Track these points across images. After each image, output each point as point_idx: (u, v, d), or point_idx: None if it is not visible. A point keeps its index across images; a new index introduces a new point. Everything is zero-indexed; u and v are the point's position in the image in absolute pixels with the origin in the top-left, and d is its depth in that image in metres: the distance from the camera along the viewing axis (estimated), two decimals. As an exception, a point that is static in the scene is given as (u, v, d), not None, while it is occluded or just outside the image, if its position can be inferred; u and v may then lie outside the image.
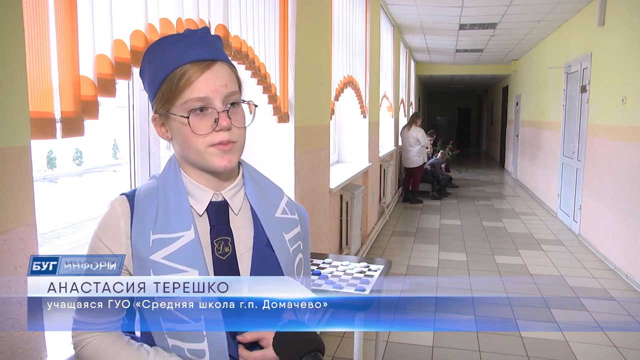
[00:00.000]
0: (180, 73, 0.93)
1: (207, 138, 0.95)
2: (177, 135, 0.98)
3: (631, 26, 4.81)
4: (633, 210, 4.60)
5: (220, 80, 0.95)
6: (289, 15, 2.85)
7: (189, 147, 0.96)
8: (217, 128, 0.94)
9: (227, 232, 1.02)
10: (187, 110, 0.94)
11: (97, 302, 0.97)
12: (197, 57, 0.94)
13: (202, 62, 0.94)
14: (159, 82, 0.95)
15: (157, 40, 0.99)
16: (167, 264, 0.94)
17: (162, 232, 0.95)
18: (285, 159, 2.99)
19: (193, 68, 0.93)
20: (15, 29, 1.08)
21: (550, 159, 8.06)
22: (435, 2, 6.37)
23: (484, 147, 20.57)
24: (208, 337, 0.95)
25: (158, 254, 0.94)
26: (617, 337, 3.43)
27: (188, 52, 0.94)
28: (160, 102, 0.97)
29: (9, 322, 1.08)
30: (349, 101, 5.25)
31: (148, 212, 0.97)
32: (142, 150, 1.87)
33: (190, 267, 0.94)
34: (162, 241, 0.95)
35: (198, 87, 0.93)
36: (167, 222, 0.96)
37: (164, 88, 0.95)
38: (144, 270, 0.94)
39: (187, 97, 0.93)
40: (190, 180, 1.01)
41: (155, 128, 1.01)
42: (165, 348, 0.98)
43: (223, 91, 0.95)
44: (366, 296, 2.12)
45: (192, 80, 0.93)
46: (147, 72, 0.98)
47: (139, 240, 0.95)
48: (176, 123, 0.96)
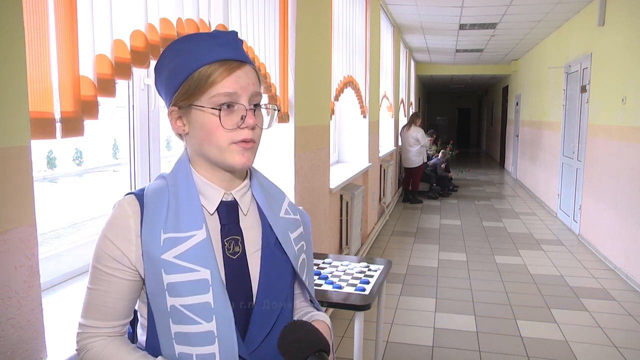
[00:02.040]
0: (211, 69, 0.94)
1: (231, 134, 0.95)
2: (197, 130, 0.97)
3: (631, 26, 4.81)
4: (633, 210, 4.60)
5: (249, 79, 0.97)
6: (289, 15, 2.86)
7: (210, 141, 0.96)
8: (242, 125, 0.95)
9: (238, 231, 1.02)
10: (216, 104, 0.94)
11: (104, 305, 0.97)
12: (228, 56, 0.95)
13: (231, 62, 0.95)
14: (184, 76, 0.95)
15: (183, 37, 0.99)
16: (179, 263, 0.93)
17: (173, 231, 0.95)
18: (285, 159, 2.99)
19: (224, 66, 0.94)
20: (15, 29, 1.08)
21: (550, 159, 8.06)
22: (435, 2, 6.37)
23: (484, 147, 20.57)
24: (219, 338, 0.95)
25: (169, 253, 0.93)
26: (617, 337, 3.43)
27: (218, 51, 0.95)
28: (183, 96, 0.96)
29: (9, 322, 1.08)
30: (349, 101, 5.25)
31: (158, 211, 0.96)
32: (142, 150, 1.87)
33: (202, 266, 0.94)
34: (173, 240, 0.94)
35: (228, 83, 0.94)
36: (178, 221, 0.96)
37: (190, 82, 0.95)
38: (155, 270, 0.94)
39: (216, 91, 0.94)
40: (202, 179, 1.01)
41: (171, 122, 1.00)
42: (171, 355, 0.96)
43: (250, 89, 0.96)
44: (366, 296, 2.12)
45: (223, 76, 0.94)
46: (167, 65, 0.98)
47: (149, 239, 0.94)
48: (201, 116, 0.95)
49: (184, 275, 0.93)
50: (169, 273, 0.93)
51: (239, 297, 1.00)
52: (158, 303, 0.95)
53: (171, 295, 0.93)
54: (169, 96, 0.99)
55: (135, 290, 0.99)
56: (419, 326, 3.59)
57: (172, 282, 0.93)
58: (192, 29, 1.72)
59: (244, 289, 1.01)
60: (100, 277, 0.96)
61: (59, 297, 1.47)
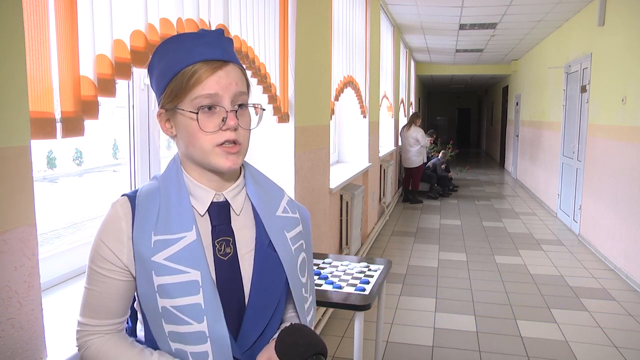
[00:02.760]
0: (192, 70, 0.93)
1: (213, 136, 0.94)
2: (182, 132, 0.97)
3: (631, 26, 4.81)
4: (633, 210, 4.60)
5: (231, 79, 0.95)
6: (289, 15, 2.85)
7: (194, 144, 0.96)
8: (224, 127, 0.94)
9: (229, 232, 1.02)
10: (196, 107, 0.93)
11: (101, 304, 0.98)
12: (211, 56, 0.94)
13: (214, 61, 0.94)
14: (169, 77, 0.95)
15: (170, 37, 0.98)
16: (169, 265, 0.93)
17: (163, 233, 0.95)
18: (285, 159, 2.99)
19: (205, 66, 0.93)
20: (15, 29, 1.08)
21: (550, 159, 8.06)
22: (435, 2, 6.37)
23: (484, 147, 20.57)
24: (211, 338, 0.95)
25: (160, 255, 0.94)
26: (617, 337, 3.43)
27: (201, 50, 0.94)
28: (168, 98, 0.96)
29: (9, 322, 1.08)
30: (349, 101, 5.25)
31: (149, 213, 0.96)
32: (142, 150, 1.87)
33: (192, 267, 0.94)
34: (163, 242, 0.94)
35: (209, 85, 0.93)
36: (168, 222, 0.96)
37: (174, 84, 0.94)
38: (146, 272, 0.94)
39: (197, 93, 0.93)
40: (192, 180, 1.00)
41: (160, 124, 1.00)
42: (168, 352, 0.97)
43: (233, 90, 0.95)
44: (366, 296, 2.12)
45: (204, 77, 0.93)
46: (157, 67, 0.98)
47: (140, 241, 0.94)
48: (183, 119, 0.95)
49: (174, 277, 0.93)
50: (159, 275, 0.93)
51: (230, 298, 1.00)
52: (149, 304, 0.95)
53: (162, 297, 0.94)
54: (158, 98, 1.00)
55: (130, 289, 0.99)
56: (419, 326, 3.58)
57: (162, 284, 0.93)
58: (192, 29, 1.72)
59: (235, 290, 1.01)
60: (96, 278, 0.97)
61: (59, 297, 1.47)
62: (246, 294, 1.02)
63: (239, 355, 1.00)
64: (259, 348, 1.03)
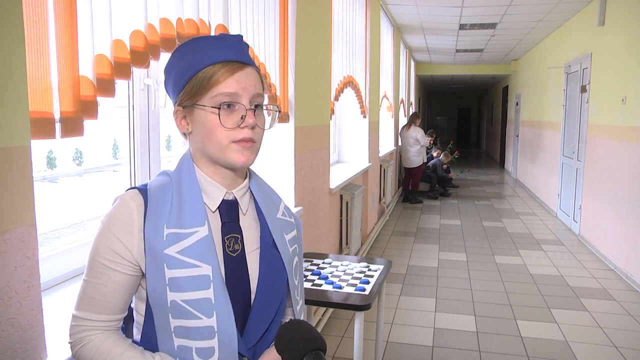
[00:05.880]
0: (213, 70, 0.97)
1: (231, 133, 0.97)
2: (199, 128, 0.99)
3: (631, 26, 4.81)
4: (633, 210, 4.60)
5: (250, 81, 0.99)
6: (289, 15, 2.86)
7: (211, 139, 0.98)
8: (242, 124, 0.97)
9: (238, 229, 1.04)
10: (217, 103, 0.97)
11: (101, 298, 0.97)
12: (231, 57, 0.98)
13: (234, 63, 0.98)
14: (189, 76, 0.98)
15: (191, 39, 1.02)
16: (181, 259, 0.94)
17: (176, 226, 0.96)
18: (285, 159, 2.99)
19: (225, 67, 0.97)
20: (15, 29, 1.08)
21: (550, 159, 8.06)
22: (435, 2, 6.37)
23: (484, 147, 20.57)
24: (219, 333, 0.96)
25: (172, 248, 0.95)
26: (617, 337, 3.43)
27: (222, 52, 0.98)
28: (187, 95, 0.99)
29: (9, 322, 1.08)
30: (349, 101, 5.25)
31: (162, 207, 0.98)
32: (142, 150, 1.87)
33: (203, 262, 0.95)
34: (176, 236, 0.95)
35: (229, 84, 0.97)
36: (181, 217, 0.97)
37: (194, 82, 0.97)
38: (157, 264, 0.94)
39: (218, 91, 0.96)
40: (205, 177, 1.02)
41: (176, 121, 1.03)
42: (170, 349, 0.97)
43: (251, 90, 0.99)
44: (366, 296, 2.12)
45: (224, 78, 0.97)
46: (176, 66, 1.00)
47: (152, 234, 0.95)
48: (202, 115, 0.98)
49: (186, 271, 0.94)
50: (172, 268, 0.94)
51: (237, 294, 1.01)
52: (158, 298, 0.95)
53: (172, 290, 0.94)
54: (175, 96, 1.02)
55: (133, 285, 0.99)
56: (419, 326, 3.58)
57: (174, 277, 0.94)
58: (191, 29, 1.72)
59: (242, 286, 1.03)
60: (99, 270, 0.96)
61: (59, 297, 1.47)
62: (252, 292, 1.04)
63: (244, 351, 1.01)
64: (262, 346, 1.05)
